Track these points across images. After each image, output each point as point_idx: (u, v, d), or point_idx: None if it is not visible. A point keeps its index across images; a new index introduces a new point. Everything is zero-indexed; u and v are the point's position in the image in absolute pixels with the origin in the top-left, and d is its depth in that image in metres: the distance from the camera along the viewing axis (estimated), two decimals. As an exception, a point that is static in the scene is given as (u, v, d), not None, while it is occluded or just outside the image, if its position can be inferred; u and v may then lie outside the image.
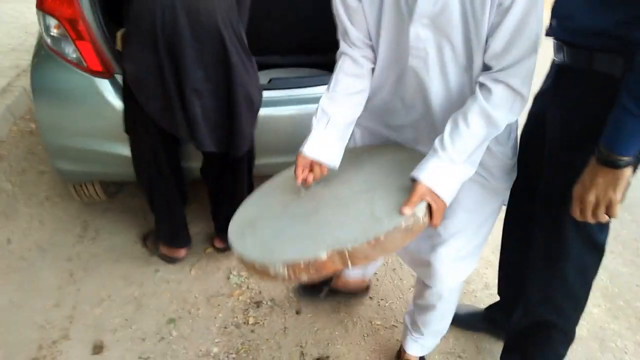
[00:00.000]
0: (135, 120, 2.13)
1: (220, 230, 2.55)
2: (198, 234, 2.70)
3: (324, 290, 2.28)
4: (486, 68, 1.26)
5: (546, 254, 1.56)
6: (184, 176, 2.39)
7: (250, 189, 2.40)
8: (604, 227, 1.45)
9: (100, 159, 2.37)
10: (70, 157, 2.38)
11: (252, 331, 2.19)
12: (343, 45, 1.44)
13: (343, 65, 1.43)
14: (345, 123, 1.44)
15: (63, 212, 2.87)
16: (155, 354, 2.07)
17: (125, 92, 2.10)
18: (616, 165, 1.20)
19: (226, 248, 2.58)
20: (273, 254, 1.28)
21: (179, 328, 2.20)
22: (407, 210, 1.20)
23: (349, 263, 1.25)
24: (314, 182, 1.46)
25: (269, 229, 1.39)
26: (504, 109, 1.22)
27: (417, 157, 1.37)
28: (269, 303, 2.33)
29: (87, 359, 2.03)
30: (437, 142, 1.25)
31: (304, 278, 1.28)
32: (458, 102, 1.32)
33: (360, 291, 2.36)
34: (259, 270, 1.31)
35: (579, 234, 1.45)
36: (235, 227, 1.48)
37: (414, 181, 1.24)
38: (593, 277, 1.57)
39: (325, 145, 1.42)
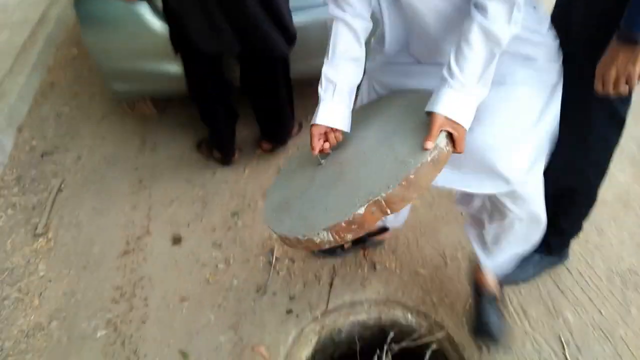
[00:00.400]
0: (179, 40, 2.29)
1: (266, 133, 2.77)
2: (247, 137, 2.93)
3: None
4: None
5: (572, 126, 1.71)
6: (231, 89, 2.57)
7: (289, 93, 2.59)
8: (625, 101, 1.58)
9: (149, 77, 2.59)
10: (122, 77, 2.60)
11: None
12: (334, 9, 1.43)
13: (338, 32, 1.44)
14: (350, 88, 1.48)
15: (121, 128, 3.14)
16: (226, 240, 2.39)
17: (166, 14, 2.25)
18: (636, 42, 1.32)
19: (273, 148, 2.82)
20: (314, 224, 1.31)
21: (242, 219, 2.50)
22: (429, 145, 1.21)
23: (388, 210, 1.28)
24: (332, 149, 1.49)
25: (302, 204, 1.43)
26: (502, 21, 1.19)
27: (425, 96, 1.35)
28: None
29: (169, 249, 2.37)
30: (445, 71, 1.24)
31: (350, 237, 1.31)
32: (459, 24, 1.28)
33: (379, 232, 2.29)
34: (305, 244, 1.35)
35: (602, 107, 1.60)
36: (270, 214, 1.52)
37: (430, 115, 1.24)
38: (614, 146, 1.72)
39: (336, 112, 1.46)
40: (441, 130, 1.22)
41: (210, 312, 2.10)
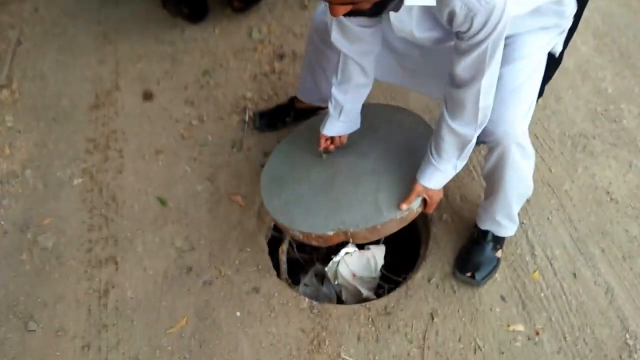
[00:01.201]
0: None
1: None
2: (216, -4, 2.81)
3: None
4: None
5: None
6: None
7: None
8: None
9: None
10: None
11: (279, 79, 2.48)
12: (342, 44, 1.51)
13: (347, 63, 1.56)
14: (356, 110, 1.70)
15: (79, -21, 2.93)
16: (199, 98, 2.40)
17: None
18: None
19: (244, 8, 2.73)
20: (294, 221, 1.64)
21: (214, 78, 2.48)
22: (403, 207, 1.54)
23: (350, 240, 1.64)
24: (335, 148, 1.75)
25: (292, 193, 1.71)
26: (470, 127, 1.39)
27: (427, 134, 1.61)
28: (290, 55, 2.58)
29: (140, 104, 2.36)
30: (428, 151, 1.50)
31: (314, 243, 1.68)
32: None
33: None
34: (281, 226, 1.71)
35: None
36: (266, 180, 1.80)
37: (414, 180, 1.54)
38: None
39: (342, 126, 1.70)
40: (419, 196, 1.55)
41: (186, 164, 2.16)
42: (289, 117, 2.25)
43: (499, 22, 1.16)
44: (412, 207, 1.57)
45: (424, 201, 1.59)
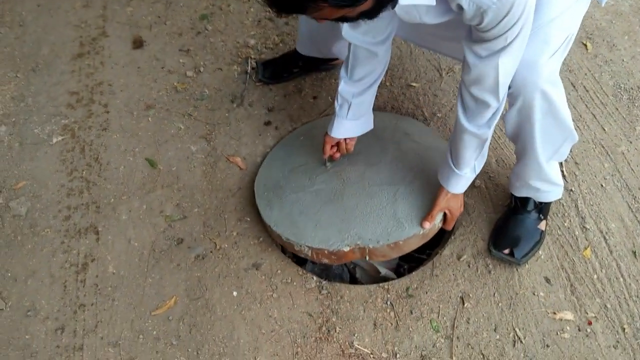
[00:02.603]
0: None
1: None
2: None
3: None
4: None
5: None
6: None
7: None
8: None
9: None
10: None
11: (287, 23, 2.18)
12: (352, 36, 1.33)
13: (358, 56, 1.38)
14: (366, 108, 1.51)
15: None
16: (195, 46, 2.11)
17: None
18: None
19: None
20: (301, 235, 1.47)
21: (213, 23, 2.18)
22: (426, 225, 1.45)
23: (367, 257, 1.47)
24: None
25: (295, 203, 1.55)
26: (485, 127, 1.26)
27: (436, 144, 1.64)
28: None
29: (129, 53, 2.08)
30: (447, 160, 1.41)
31: (325, 260, 1.49)
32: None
33: None
34: (285, 242, 1.51)
35: None
36: (261, 189, 1.63)
37: (437, 193, 1.46)
38: None
39: (350, 127, 1.52)
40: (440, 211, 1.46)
41: (179, 121, 1.89)
42: (297, 67, 1.96)
43: (520, 17, 1.00)
44: (435, 222, 1.47)
45: (444, 216, 1.50)
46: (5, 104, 1.94)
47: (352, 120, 1.51)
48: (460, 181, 1.41)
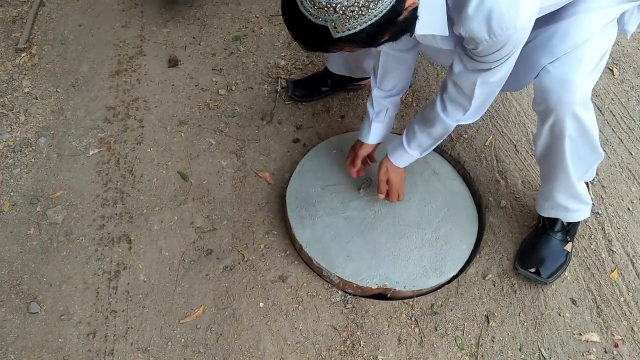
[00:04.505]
0: None
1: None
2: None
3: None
4: None
5: None
6: None
7: None
8: None
9: None
10: None
11: (316, 46, 2.24)
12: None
13: (389, 64, 1.47)
14: (395, 112, 1.61)
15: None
16: (227, 66, 2.18)
17: None
18: None
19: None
20: (333, 264, 1.54)
21: (245, 44, 2.26)
22: (380, 196, 1.61)
23: (389, 295, 1.55)
24: (371, 183, 1.71)
25: (327, 227, 1.63)
26: (455, 120, 1.38)
27: (462, 192, 1.73)
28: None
29: (165, 71, 2.16)
30: (403, 135, 1.51)
31: (349, 290, 1.56)
32: None
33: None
34: (314, 265, 1.57)
35: None
36: (294, 202, 1.69)
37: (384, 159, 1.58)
38: None
39: (385, 131, 1.61)
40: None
41: (210, 137, 1.95)
42: (326, 86, 2.01)
43: (509, 53, 1.11)
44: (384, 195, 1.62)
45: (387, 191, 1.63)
46: (45, 117, 2.03)
47: (387, 124, 1.60)
48: (404, 157, 1.53)
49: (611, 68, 2.08)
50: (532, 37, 1.22)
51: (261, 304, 1.54)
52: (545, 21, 1.24)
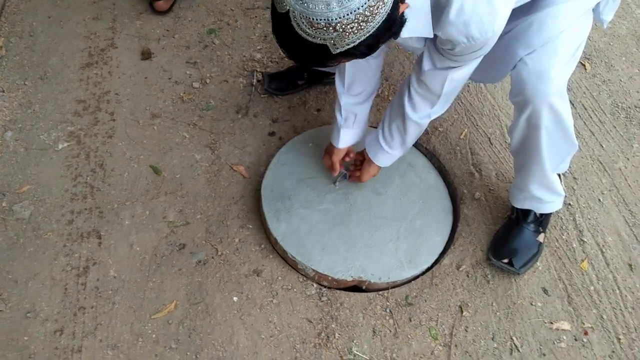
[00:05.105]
0: None
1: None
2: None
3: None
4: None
5: None
6: None
7: None
8: None
9: None
10: None
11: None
12: None
13: (356, 70, 1.46)
14: (367, 116, 1.61)
15: None
16: (202, 59, 2.15)
17: None
18: None
19: None
20: (308, 257, 1.53)
21: (220, 37, 2.23)
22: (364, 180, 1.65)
23: (364, 287, 1.55)
24: (347, 176, 1.70)
25: (303, 220, 1.61)
26: (426, 115, 1.40)
27: (438, 186, 1.73)
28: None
29: (137, 64, 2.12)
30: (380, 138, 1.54)
31: (324, 282, 1.54)
32: None
33: None
34: (289, 258, 1.56)
35: None
36: (269, 195, 1.67)
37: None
38: None
39: (356, 135, 1.61)
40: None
41: (184, 130, 1.92)
42: (302, 79, 2.00)
43: (486, 51, 1.14)
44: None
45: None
46: (13, 110, 1.97)
47: (357, 129, 1.59)
48: (390, 157, 1.57)
49: (583, 62, 2.11)
50: (509, 29, 1.24)
51: (235, 298, 1.52)
52: (522, 12, 1.25)
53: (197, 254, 1.61)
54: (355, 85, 1.50)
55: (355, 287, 1.57)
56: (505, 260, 1.49)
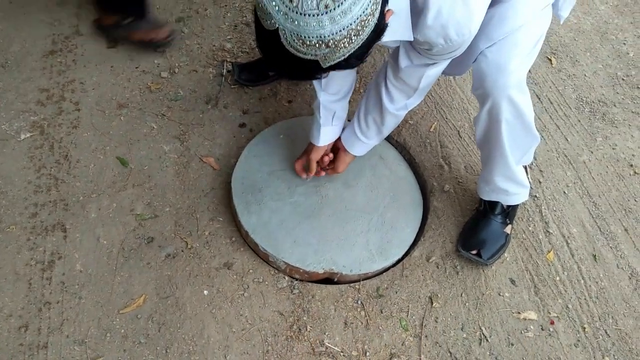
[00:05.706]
0: None
1: None
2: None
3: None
4: None
5: None
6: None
7: None
8: None
9: None
10: None
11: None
12: None
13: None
14: (345, 113, 1.61)
15: None
16: (171, 48, 2.10)
17: None
18: None
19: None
20: (279, 249, 1.52)
21: (189, 26, 2.19)
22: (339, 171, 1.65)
23: (336, 279, 1.55)
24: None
25: (274, 212, 1.60)
26: (403, 107, 1.44)
27: (408, 178, 1.74)
28: None
29: (103, 52, 2.06)
30: (356, 129, 1.57)
31: (296, 275, 1.54)
32: None
33: None
34: (260, 251, 1.55)
35: None
36: (239, 187, 1.65)
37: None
38: None
39: (335, 132, 1.61)
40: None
41: (152, 121, 1.88)
42: (273, 70, 1.97)
43: (458, 50, 1.17)
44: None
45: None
46: (-28, 99, 1.90)
47: (335, 126, 1.60)
48: (367, 147, 1.61)
49: (549, 57, 2.15)
50: None
51: (205, 292, 1.50)
52: None
53: (166, 248, 1.58)
54: (332, 84, 1.50)
55: (327, 280, 1.57)
56: (474, 252, 1.51)
